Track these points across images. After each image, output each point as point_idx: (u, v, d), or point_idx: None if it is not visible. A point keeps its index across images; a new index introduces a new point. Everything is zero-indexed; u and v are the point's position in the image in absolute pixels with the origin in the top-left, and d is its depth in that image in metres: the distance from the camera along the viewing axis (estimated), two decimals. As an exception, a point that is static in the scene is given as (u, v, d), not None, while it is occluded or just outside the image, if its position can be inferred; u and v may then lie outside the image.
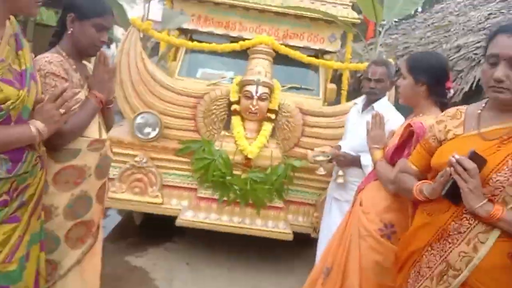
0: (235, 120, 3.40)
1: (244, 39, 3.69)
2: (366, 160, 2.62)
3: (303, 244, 3.65)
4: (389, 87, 2.92)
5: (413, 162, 1.68)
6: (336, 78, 5.28)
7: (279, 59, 3.71)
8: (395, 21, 7.07)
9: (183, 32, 4.41)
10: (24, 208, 1.51)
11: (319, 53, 4.39)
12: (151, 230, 3.99)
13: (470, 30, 5.69)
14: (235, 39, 3.91)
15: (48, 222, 1.76)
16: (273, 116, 3.42)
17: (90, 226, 1.91)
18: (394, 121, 2.62)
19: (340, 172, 2.88)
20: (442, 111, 1.67)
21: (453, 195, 1.39)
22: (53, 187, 1.75)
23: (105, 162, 1.91)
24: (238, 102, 3.38)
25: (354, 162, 2.81)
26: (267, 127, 3.39)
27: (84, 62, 1.96)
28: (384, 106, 2.84)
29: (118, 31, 12.66)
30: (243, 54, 3.63)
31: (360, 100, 3.02)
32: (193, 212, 3.32)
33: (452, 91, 1.93)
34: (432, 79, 1.91)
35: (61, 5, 1.87)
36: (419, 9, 8.19)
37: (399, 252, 1.63)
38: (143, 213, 3.81)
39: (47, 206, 1.74)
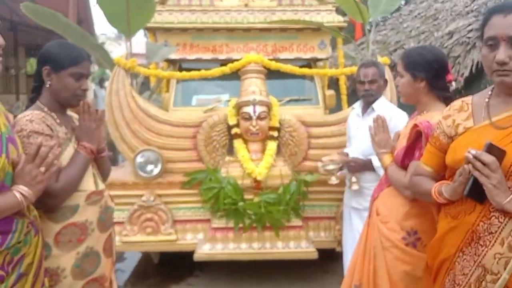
0: (238, 143, 3.33)
1: (233, 60, 3.63)
2: (378, 161, 2.53)
3: (329, 258, 3.52)
4: (383, 86, 2.86)
5: (425, 163, 1.58)
6: (334, 82, 5.20)
7: (272, 74, 3.65)
8: (382, 17, 7.00)
9: (171, 62, 4.37)
10: (24, 280, 1.41)
11: (312, 62, 4.32)
12: (171, 266, 3.88)
13: (458, 15, 5.62)
14: (224, 62, 3.86)
15: (57, 285, 1.67)
16: (275, 133, 3.35)
17: (103, 282, 1.82)
18: (397, 118, 2.56)
19: (354, 179, 2.78)
20: (447, 106, 1.58)
21: (477, 193, 1.29)
22: (56, 248, 1.66)
23: (106, 214, 1.82)
24: (237, 125, 3.32)
25: (366, 165, 2.72)
26: (272, 145, 3.31)
27: (69, 112, 1.89)
28: (384, 105, 2.79)
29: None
30: (235, 74, 3.57)
31: (358, 105, 2.96)
32: (210, 244, 3.23)
33: (454, 84, 1.85)
34: (430, 73, 1.84)
35: None
36: (403, 2, 8.13)
37: (429, 261, 1.52)
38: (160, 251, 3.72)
39: (53, 269, 1.66)
